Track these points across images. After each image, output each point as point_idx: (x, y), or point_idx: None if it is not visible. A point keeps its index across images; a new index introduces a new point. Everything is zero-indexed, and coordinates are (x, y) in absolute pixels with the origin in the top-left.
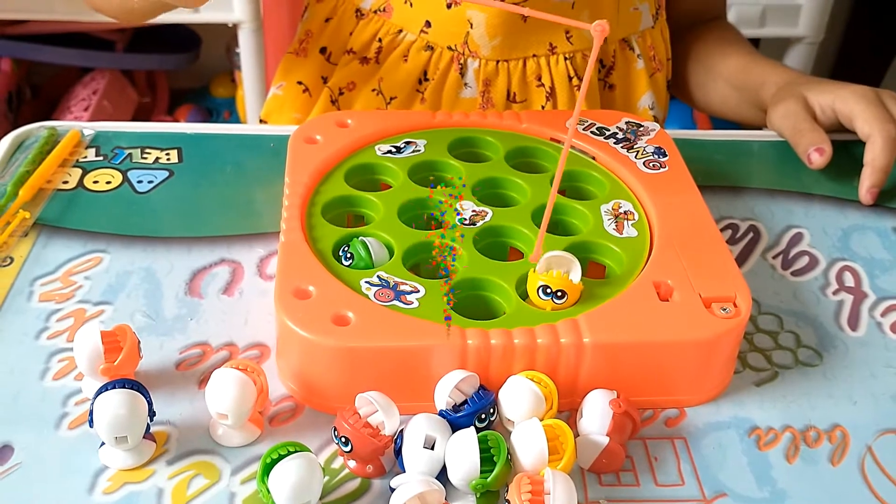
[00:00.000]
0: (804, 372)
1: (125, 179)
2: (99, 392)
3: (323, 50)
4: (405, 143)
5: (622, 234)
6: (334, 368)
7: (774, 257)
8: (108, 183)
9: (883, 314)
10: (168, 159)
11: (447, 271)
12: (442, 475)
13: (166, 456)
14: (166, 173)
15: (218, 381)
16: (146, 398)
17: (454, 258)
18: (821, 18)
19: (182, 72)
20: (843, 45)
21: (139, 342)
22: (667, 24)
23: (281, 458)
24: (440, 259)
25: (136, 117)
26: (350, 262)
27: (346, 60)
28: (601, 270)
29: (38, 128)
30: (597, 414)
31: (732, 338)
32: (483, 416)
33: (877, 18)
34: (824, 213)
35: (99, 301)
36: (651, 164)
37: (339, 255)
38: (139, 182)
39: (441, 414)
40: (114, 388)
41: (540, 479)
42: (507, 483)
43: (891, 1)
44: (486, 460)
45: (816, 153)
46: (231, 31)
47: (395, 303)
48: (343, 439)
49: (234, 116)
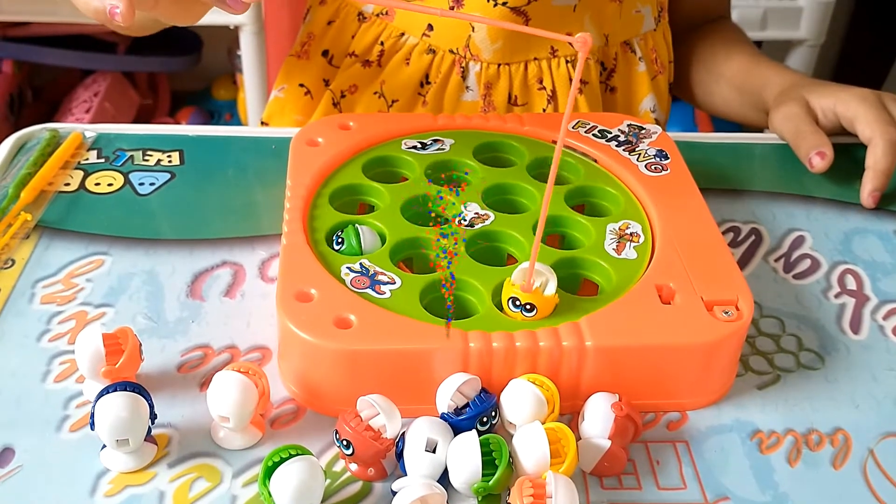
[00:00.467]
0: (806, 375)
1: (127, 181)
2: (100, 395)
3: (325, 53)
4: (433, 140)
5: (620, 254)
6: (336, 371)
7: (776, 260)
8: (110, 185)
9: (885, 317)
10: (170, 161)
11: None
12: (444, 478)
13: (168, 459)
14: (168, 175)
15: (219, 383)
16: (147, 401)
17: (449, 263)
18: (822, 21)
19: (183, 74)
20: (845, 47)
21: (140, 345)
22: (669, 27)
23: (283, 461)
24: (437, 262)
25: (137, 119)
26: (341, 247)
27: (347, 63)
28: (595, 288)
29: (40, 130)
30: (599, 417)
31: (734, 341)
32: (485, 419)
33: (878, 21)
34: (826, 216)
35: (100, 303)
36: (653, 167)
37: (333, 239)
38: (141, 184)
39: (443, 417)
40: (115, 390)
41: (542, 482)
42: (508, 486)
43: (892, 4)
44: (488, 463)
45: (818, 157)
46: (232, 34)
47: (368, 290)
48: (345, 442)
49: (235, 119)
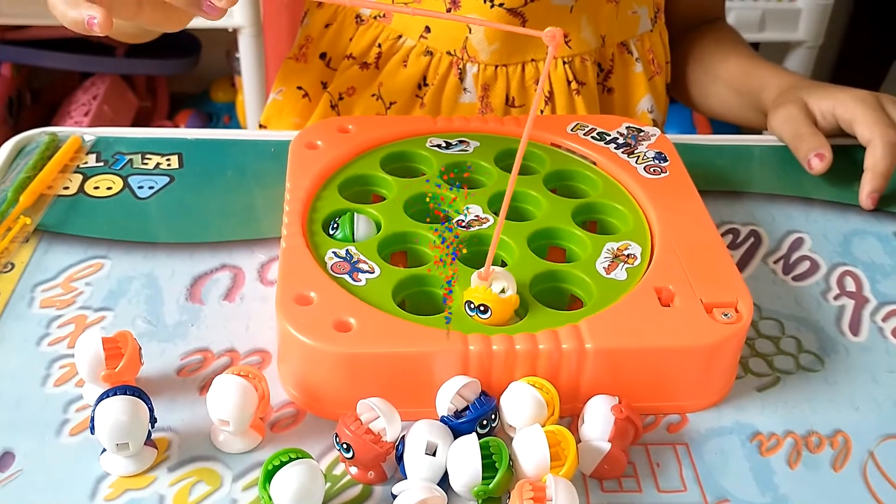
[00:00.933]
0: (806, 377)
1: (126, 185)
2: (100, 398)
3: (323, 55)
4: (458, 141)
5: (609, 274)
6: (336, 374)
7: (775, 262)
8: (109, 189)
9: (884, 319)
10: (169, 165)
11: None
12: (444, 482)
13: (168, 462)
14: (167, 179)
15: (219, 387)
16: (147, 404)
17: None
18: (820, 22)
19: (182, 76)
20: (843, 49)
21: (140, 348)
22: (665, 28)
23: (283, 464)
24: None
25: (136, 122)
26: (335, 232)
27: (345, 66)
28: (581, 303)
29: (39, 134)
30: (598, 420)
31: (734, 343)
32: (485, 422)
33: (876, 22)
34: (825, 217)
35: (100, 307)
36: (652, 170)
37: (329, 225)
38: (140, 188)
39: (443, 420)
40: (115, 394)
41: (542, 485)
42: (508, 489)
43: (890, 5)
44: (488, 466)
45: (817, 158)
46: (231, 36)
47: (345, 277)
48: (345, 446)
49: (234, 121)
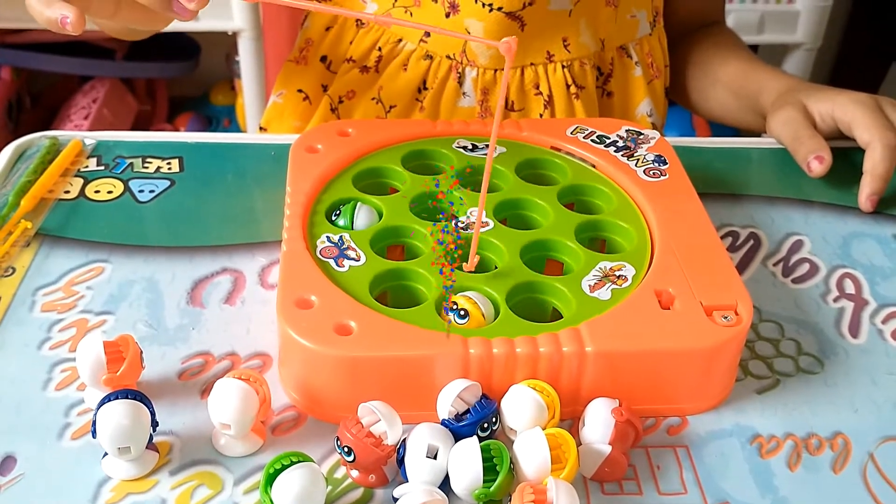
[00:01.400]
0: (805, 379)
1: (126, 189)
2: (102, 402)
3: (323, 59)
4: (486, 145)
5: (592, 293)
6: (337, 378)
7: (775, 265)
8: (110, 192)
9: (884, 321)
10: (169, 168)
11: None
12: (445, 485)
13: (169, 466)
14: (167, 182)
15: (220, 390)
16: (149, 408)
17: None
18: (819, 25)
19: (182, 80)
20: (841, 51)
21: (141, 352)
22: (664, 31)
23: (284, 468)
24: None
25: (135, 125)
26: (337, 219)
27: (345, 69)
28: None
29: (40, 138)
30: (599, 423)
31: (734, 346)
32: (485, 425)
33: (874, 24)
34: (824, 220)
35: (101, 311)
36: (651, 172)
37: (333, 212)
38: (140, 191)
39: (443, 423)
40: (116, 398)
41: (542, 488)
42: (509, 492)
43: (888, 7)
44: (489, 470)
45: (816, 161)
46: (231, 40)
47: (330, 261)
48: (346, 449)
49: (233, 124)
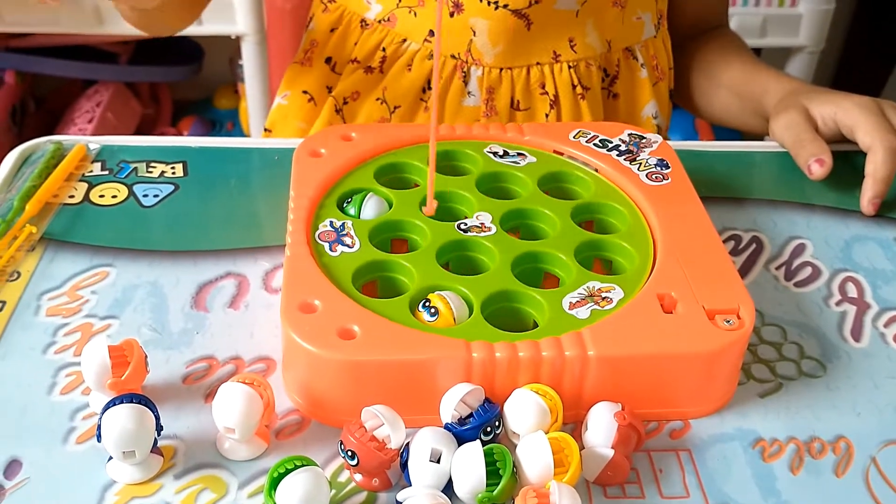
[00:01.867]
0: (808, 383)
1: (131, 193)
2: (107, 407)
3: (328, 60)
4: (517, 153)
5: (571, 310)
6: (340, 382)
7: (777, 268)
8: (114, 197)
9: (886, 325)
10: (173, 173)
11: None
12: (448, 488)
13: (173, 470)
14: (172, 187)
15: (225, 395)
16: (153, 412)
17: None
18: (821, 28)
19: (185, 83)
20: (844, 54)
21: (146, 356)
22: (668, 34)
23: (288, 472)
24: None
25: (139, 129)
26: (347, 205)
27: (350, 70)
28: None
29: (45, 142)
30: (602, 426)
31: (736, 350)
32: (488, 429)
33: (877, 27)
34: (826, 223)
35: (106, 315)
36: (653, 176)
37: (346, 199)
38: (145, 196)
39: (447, 427)
40: (121, 402)
41: (545, 491)
42: (512, 496)
43: (891, 10)
44: (492, 473)
45: (817, 164)
46: (234, 43)
47: (325, 244)
48: (349, 453)
49: (237, 128)
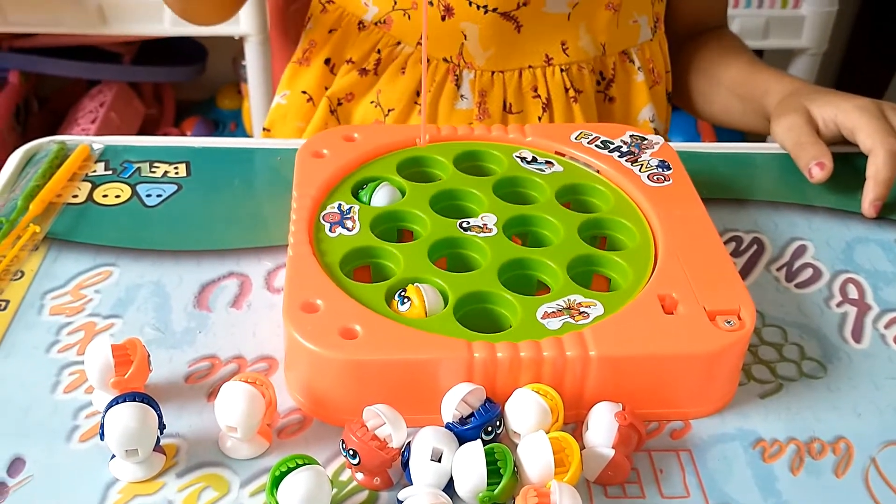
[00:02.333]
0: (808, 384)
1: (134, 193)
2: (110, 405)
3: (327, 61)
4: (546, 161)
5: (541, 319)
6: (342, 381)
7: (778, 269)
8: (118, 197)
9: (886, 326)
10: (176, 173)
11: None
12: (449, 488)
13: (176, 468)
14: (175, 187)
15: (227, 393)
16: (156, 411)
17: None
18: (824, 29)
19: (188, 84)
20: (847, 55)
21: (149, 355)
22: (665, 37)
23: (290, 470)
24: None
25: (142, 129)
26: (362, 191)
27: (345, 70)
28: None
29: (48, 142)
30: (602, 426)
31: (737, 350)
32: (489, 428)
33: (880, 29)
34: (828, 225)
35: (109, 314)
36: (655, 178)
37: (361, 186)
38: (148, 196)
39: (448, 426)
40: (124, 401)
41: (546, 491)
42: (513, 495)
43: (894, 11)
44: (493, 473)
45: (817, 167)
46: (237, 44)
47: (326, 225)
48: (351, 452)
49: (240, 128)
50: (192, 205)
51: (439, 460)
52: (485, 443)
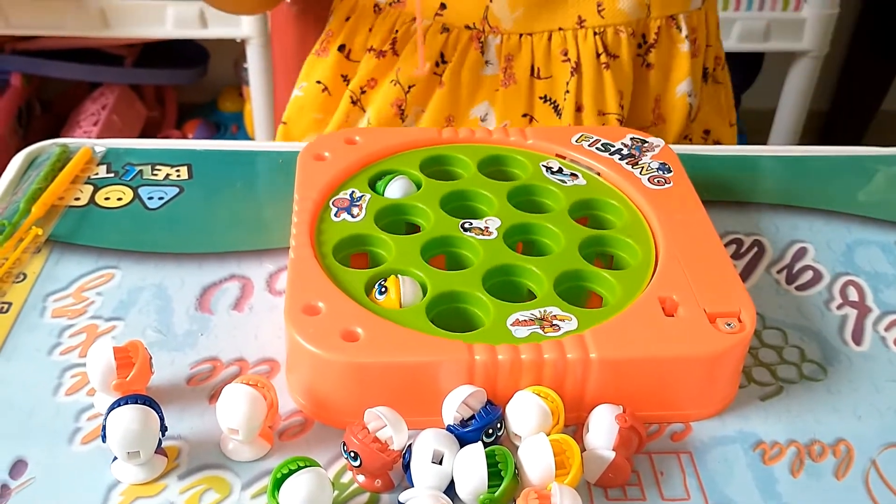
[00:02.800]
0: (809, 386)
1: (136, 196)
2: (112, 407)
3: (342, 48)
4: (571, 173)
5: (510, 325)
6: (343, 384)
7: (779, 272)
8: (120, 199)
9: (887, 328)
10: (178, 176)
11: None
12: (450, 490)
13: (178, 471)
14: (176, 190)
15: (228, 396)
16: (158, 413)
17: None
18: (825, 32)
19: (190, 86)
20: (848, 58)
21: (151, 357)
22: (714, 8)
23: (291, 472)
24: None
25: (144, 131)
26: (379, 182)
27: (367, 59)
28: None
29: (50, 145)
30: (603, 428)
31: (737, 353)
32: (490, 430)
33: (881, 32)
34: (828, 227)
35: (111, 317)
36: (655, 180)
37: (377, 179)
38: (150, 198)
39: (449, 429)
40: (126, 403)
41: (547, 493)
42: (514, 497)
43: (894, 14)
44: (494, 475)
45: None
46: (239, 47)
47: (332, 209)
48: (352, 454)
49: (241, 131)
50: (193, 207)
51: (440, 462)
52: (486, 445)
